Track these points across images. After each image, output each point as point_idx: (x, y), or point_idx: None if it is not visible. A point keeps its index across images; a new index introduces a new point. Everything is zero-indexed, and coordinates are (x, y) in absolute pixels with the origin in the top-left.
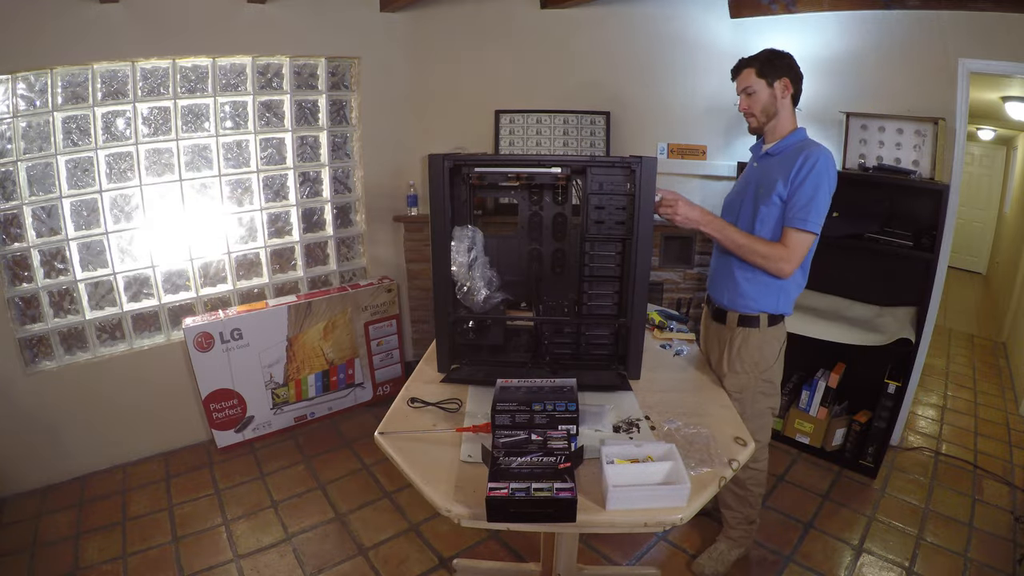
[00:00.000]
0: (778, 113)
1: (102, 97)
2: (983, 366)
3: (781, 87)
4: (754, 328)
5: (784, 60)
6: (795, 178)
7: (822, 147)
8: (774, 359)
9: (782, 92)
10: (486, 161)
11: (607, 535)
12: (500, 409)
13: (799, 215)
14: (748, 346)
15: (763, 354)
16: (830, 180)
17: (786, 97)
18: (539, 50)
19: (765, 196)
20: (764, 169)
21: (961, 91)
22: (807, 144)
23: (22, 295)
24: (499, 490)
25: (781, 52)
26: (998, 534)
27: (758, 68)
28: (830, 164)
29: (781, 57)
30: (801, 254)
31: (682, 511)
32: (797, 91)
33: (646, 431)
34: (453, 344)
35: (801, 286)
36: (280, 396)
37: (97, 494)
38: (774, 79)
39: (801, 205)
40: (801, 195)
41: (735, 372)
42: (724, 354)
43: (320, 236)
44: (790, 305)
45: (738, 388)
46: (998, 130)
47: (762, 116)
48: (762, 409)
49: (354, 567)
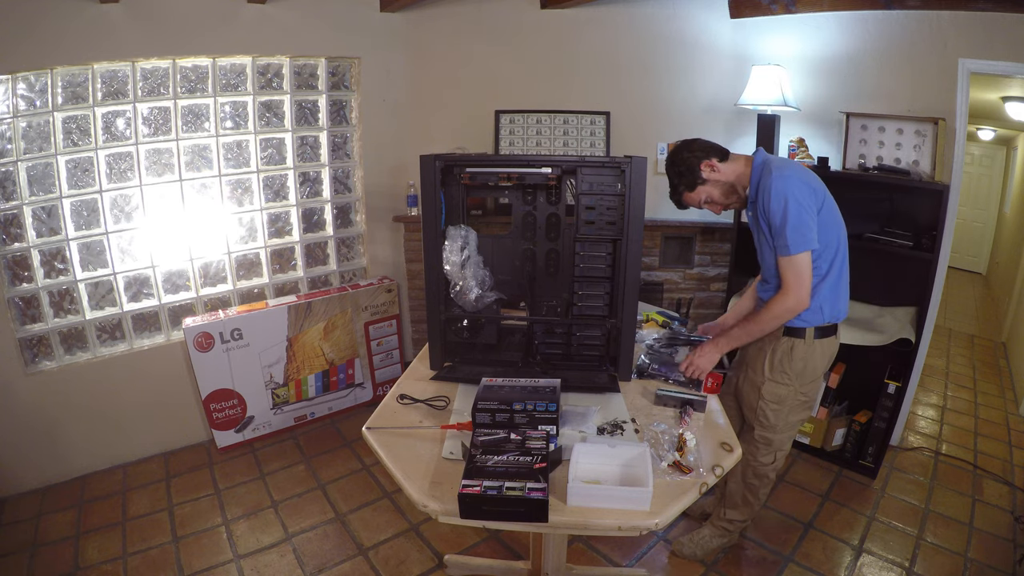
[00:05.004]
0: (731, 183)
1: (102, 97)
2: (983, 366)
3: (709, 171)
4: (799, 339)
5: (685, 156)
6: (764, 214)
7: (774, 169)
8: (819, 373)
9: (713, 172)
10: (477, 161)
11: (607, 536)
12: (481, 407)
13: (779, 243)
14: (793, 357)
15: (807, 366)
16: (794, 195)
17: (720, 169)
18: (539, 50)
19: (765, 236)
20: (754, 214)
21: (961, 91)
22: (763, 174)
23: (22, 295)
24: (472, 487)
25: (676, 155)
26: (998, 534)
27: (685, 185)
28: (787, 182)
29: (682, 159)
30: (800, 277)
31: (658, 516)
32: (717, 153)
33: (630, 433)
34: (446, 343)
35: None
36: (280, 396)
37: (97, 494)
38: (700, 176)
39: (778, 234)
40: (774, 225)
41: (776, 381)
42: (765, 361)
43: (320, 236)
44: (839, 310)
45: (776, 398)
46: (998, 130)
47: (729, 198)
48: (795, 422)
49: (354, 567)
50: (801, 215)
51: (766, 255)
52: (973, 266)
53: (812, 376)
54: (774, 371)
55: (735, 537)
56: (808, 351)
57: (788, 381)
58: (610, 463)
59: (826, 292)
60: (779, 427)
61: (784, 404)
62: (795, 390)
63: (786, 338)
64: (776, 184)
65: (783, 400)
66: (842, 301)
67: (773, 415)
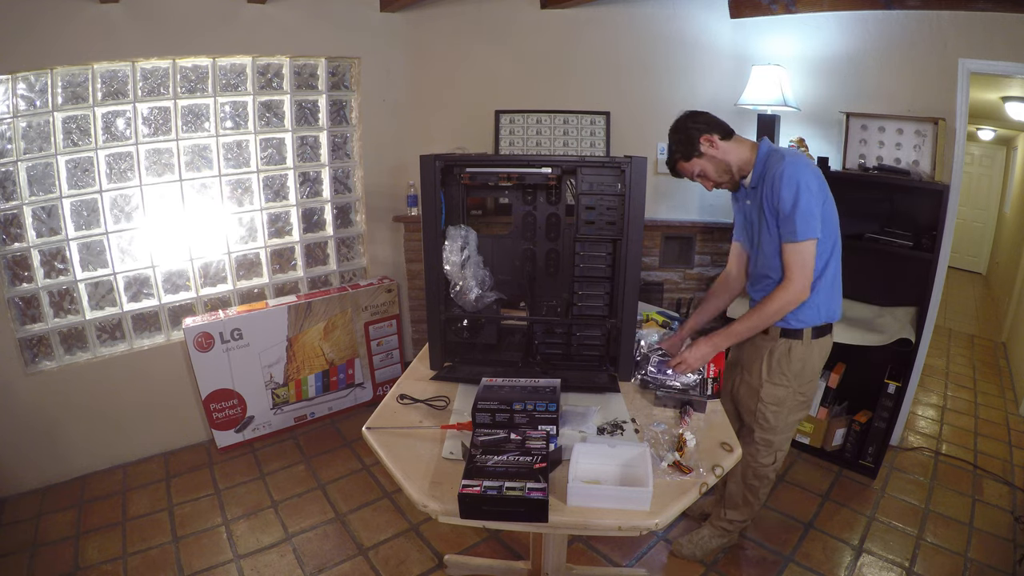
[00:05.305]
0: (728, 162)
1: (102, 97)
2: (983, 366)
3: (708, 146)
4: (797, 340)
5: (688, 125)
6: (773, 198)
7: (785, 156)
8: (817, 372)
9: (711, 148)
10: (476, 161)
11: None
12: (481, 407)
13: (787, 229)
14: (791, 358)
15: (806, 367)
16: (805, 182)
17: (719, 146)
18: (539, 50)
19: (768, 225)
20: (755, 202)
21: (961, 91)
22: (771, 161)
23: (22, 295)
24: (472, 487)
25: (680, 123)
26: (998, 534)
27: (681, 154)
28: (798, 168)
29: (684, 128)
30: (803, 265)
31: (658, 516)
32: (720, 129)
33: (630, 433)
34: (446, 343)
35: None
36: (280, 396)
37: (97, 494)
38: (697, 148)
39: (786, 220)
40: (783, 211)
41: (774, 383)
42: (763, 364)
43: (320, 236)
44: (835, 310)
45: (776, 400)
46: (998, 130)
47: (722, 177)
48: (794, 421)
49: (354, 567)
50: (810, 202)
51: (765, 246)
52: (973, 266)
53: (810, 376)
54: (772, 373)
55: (735, 537)
56: (806, 352)
57: (787, 382)
58: (610, 463)
59: (823, 291)
60: (779, 428)
61: (783, 405)
62: (794, 391)
63: (783, 340)
64: (788, 170)
65: (782, 401)
66: (836, 301)
67: (773, 417)
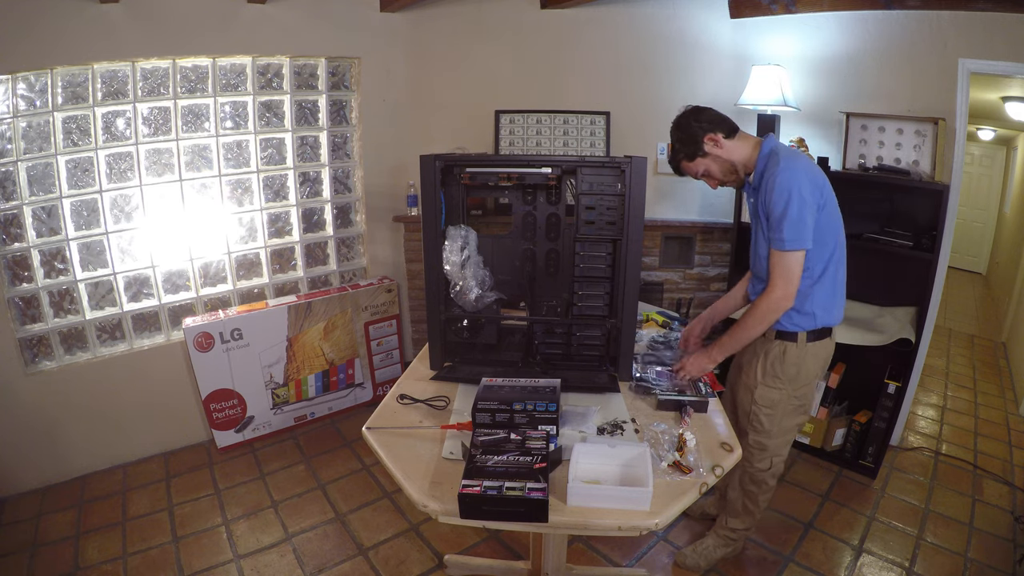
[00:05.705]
0: (733, 161)
1: (102, 97)
2: (983, 366)
3: (712, 145)
4: (791, 343)
5: (691, 124)
6: (766, 203)
7: (783, 160)
8: (813, 377)
9: (716, 147)
10: (476, 161)
11: (607, 536)
12: (481, 407)
13: (775, 237)
14: (785, 361)
15: (800, 371)
16: (798, 190)
17: (723, 145)
18: (539, 50)
19: (763, 228)
20: (755, 201)
21: (961, 91)
22: (771, 163)
23: (22, 295)
24: (472, 487)
25: (683, 121)
26: (998, 534)
27: (685, 153)
28: (794, 175)
29: (688, 127)
30: (788, 275)
31: (658, 516)
32: (724, 127)
33: (630, 433)
34: (446, 343)
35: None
36: (280, 396)
37: (97, 494)
38: (701, 148)
39: (775, 227)
40: (773, 218)
41: (768, 386)
42: (758, 365)
43: (320, 236)
44: (833, 315)
45: (769, 403)
46: (998, 130)
47: (729, 176)
48: (789, 426)
49: (354, 567)
50: (802, 212)
51: (760, 247)
52: (973, 266)
53: (805, 380)
54: (766, 375)
55: (739, 546)
56: (800, 355)
57: (781, 385)
58: (610, 463)
59: (819, 296)
60: (773, 432)
61: (777, 408)
62: (788, 394)
63: (778, 342)
64: (781, 176)
65: (776, 404)
66: (837, 306)
67: (767, 419)
